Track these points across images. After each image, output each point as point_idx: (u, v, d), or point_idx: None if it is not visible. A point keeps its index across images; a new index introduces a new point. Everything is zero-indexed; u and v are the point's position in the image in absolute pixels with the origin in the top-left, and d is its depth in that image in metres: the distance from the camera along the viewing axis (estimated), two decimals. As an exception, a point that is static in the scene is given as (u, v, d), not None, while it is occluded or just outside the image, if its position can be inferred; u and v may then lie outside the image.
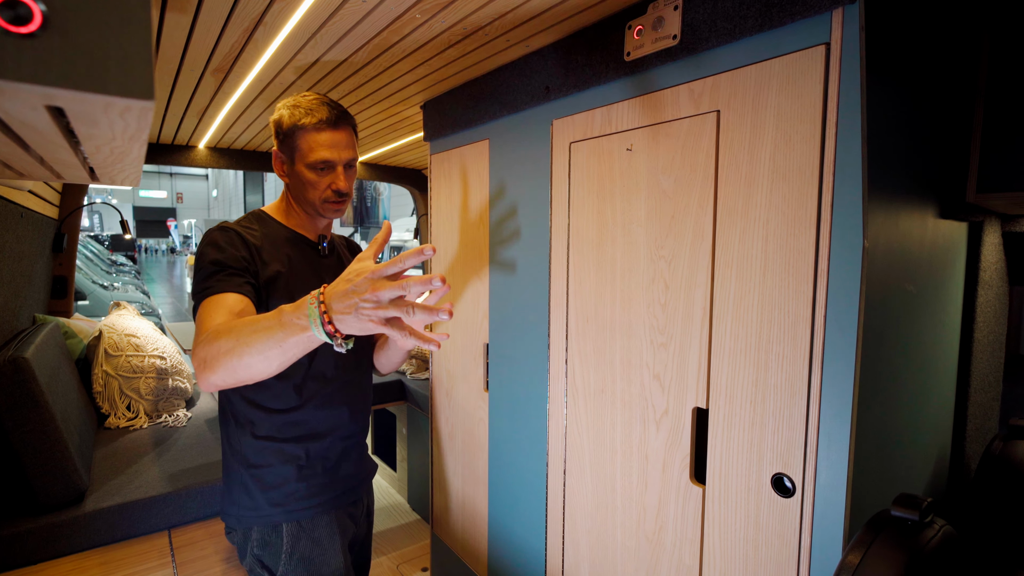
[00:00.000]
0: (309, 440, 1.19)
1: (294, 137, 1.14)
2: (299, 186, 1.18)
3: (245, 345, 0.83)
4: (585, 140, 1.25)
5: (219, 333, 0.88)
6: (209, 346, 0.87)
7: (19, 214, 1.71)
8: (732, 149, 0.95)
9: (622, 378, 1.19)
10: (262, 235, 1.17)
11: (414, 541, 2.48)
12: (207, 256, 1.07)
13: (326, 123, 1.14)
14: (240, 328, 0.86)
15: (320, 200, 1.18)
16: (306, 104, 1.15)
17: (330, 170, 1.17)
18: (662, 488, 1.11)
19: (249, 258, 1.10)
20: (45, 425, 1.40)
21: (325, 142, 1.14)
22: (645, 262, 1.12)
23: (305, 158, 1.15)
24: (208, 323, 0.96)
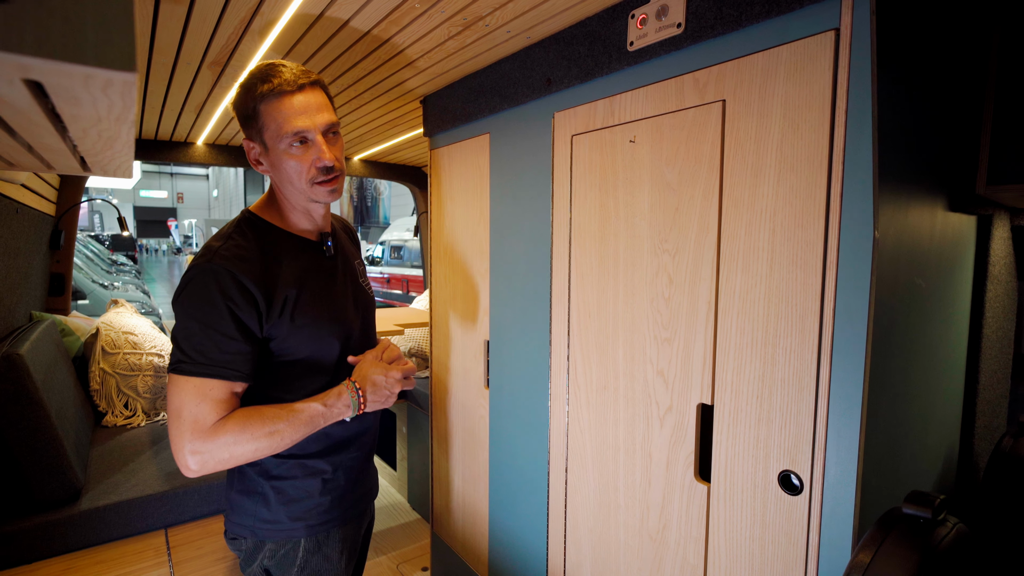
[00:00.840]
0: (333, 453, 1.11)
1: (257, 115, 0.97)
2: (281, 172, 1.01)
3: (280, 438, 0.96)
4: (587, 132, 1.23)
5: (244, 431, 0.93)
6: (233, 447, 0.92)
7: (14, 209, 1.69)
8: (738, 139, 0.93)
9: (625, 374, 1.17)
10: (260, 254, 0.99)
11: (414, 540, 2.46)
12: (202, 314, 0.91)
13: (289, 86, 0.95)
14: (274, 423, 0.96)
15: (308, 182, 1.00)
16: (259, 71, 0.97)
17: (309, 142, 0.99)
18: (666, 486, 1.09)
19: (253, 305, 0.95)
20: (40, 422, 1.38)
21: (295, 108, 0.96)
22: (649, 256, 1.10)
23: (277, 136, 0.97)
24: (210, 414, 0.91)
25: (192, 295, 0.93)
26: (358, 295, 1.19)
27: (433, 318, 1.93)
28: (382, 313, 2.95)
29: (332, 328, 1.08)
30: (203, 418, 0.91)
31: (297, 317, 1.01)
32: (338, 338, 1.09)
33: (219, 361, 0.92)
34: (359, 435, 1.16)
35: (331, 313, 1.08)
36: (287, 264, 1.03)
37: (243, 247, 0.98)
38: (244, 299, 0.94)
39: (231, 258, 0.95)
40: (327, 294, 1.09)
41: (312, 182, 1.01)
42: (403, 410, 2.81)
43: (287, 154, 0.99)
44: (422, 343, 2.96)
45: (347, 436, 1.13)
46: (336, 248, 1.16)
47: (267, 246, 1.02)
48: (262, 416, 0.95)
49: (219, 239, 1.00)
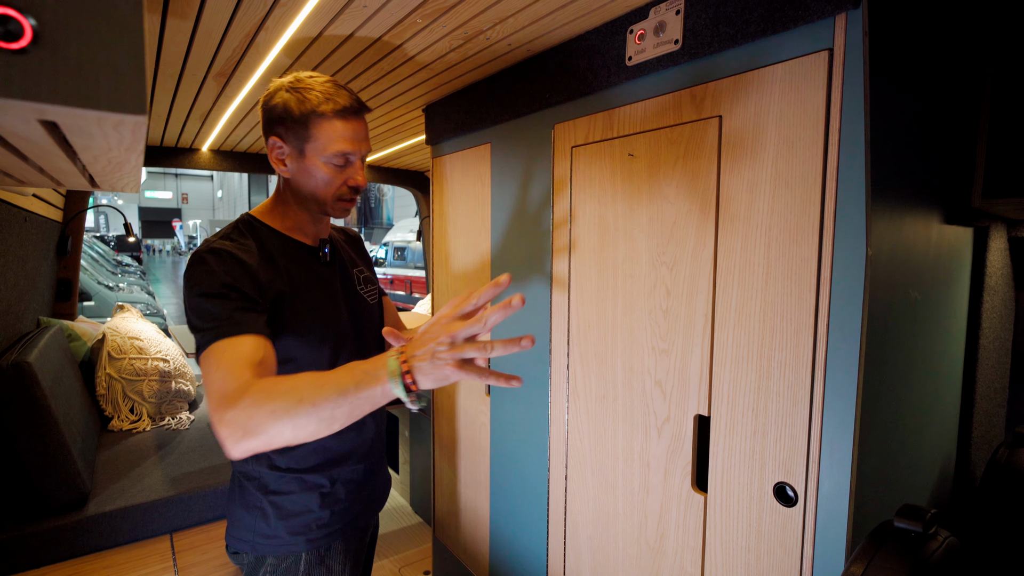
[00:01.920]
0: (331, 467, 1.11)
1: (308, 125, 1.00)
2: (307, 181, 1.05)
3: (309, 405, 0.74)
4: (587, 144, 1.25)
5: (266, 394, 0.77)
6: (253, 409, 0.75)
7: (23, 218, 1.72)
8: (734, 155, 0.95)
9: (623, 384, 1.18)
10: (256, 250, 1.02)
11: (416, 544, 2.48)
12: (205, 285, 0.91)
13: (349, 112, 1.01)
14: (299, 387, 0.76)
15: (333, 197, 1.06)
16: (321, 88, 1.01)
17: (349, 164, 1.05)
18: (663, 495, 1.10)
19: (252, 281, 0.96)
20: (48, 429, 1.41)
21: (347, 133, 1.02)
22: (647, 268, 1.11)
23: (323, 150, 1.01)
24: (229, 378, 0.81)
25: (193, 275, 0.94)
26: (356, 304, 1.19)
27: (435, 325, 1.94)
28: (385, 317, 2.97)
29: (322, 333, 1.07)
30: (226, 385, 0.80)
31: (288, 317, 1.02)
32: (328, 345, 1.08)
33: (228, 320, 0.88)
34: (360, 446, 1.16)
35: (322, 318, 1.08)
36: (282, 264, 1.05)
37: (241, 244, 1.01)
38: (244, 274, 0.96)
39: (229, 247, 0.98)
40: (320, 299, 1.09)
41: (337, 198, 1.06)
42: (406, 414, 2.83)
43: (325, 167, 1.03)
44: (424, 347, 2.98)
45: (345, 449, 1.13)
46: (334, 256, 1.18)
47: (264, 246, 1.04)
48: (291, 381, 0.80)
49: (217, 237, 1.02)
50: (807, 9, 0.82)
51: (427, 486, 2.66)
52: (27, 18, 0.34)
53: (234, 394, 0.78)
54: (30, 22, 0.35)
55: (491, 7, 1.10)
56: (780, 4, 0.86)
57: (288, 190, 1.09)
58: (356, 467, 1.16)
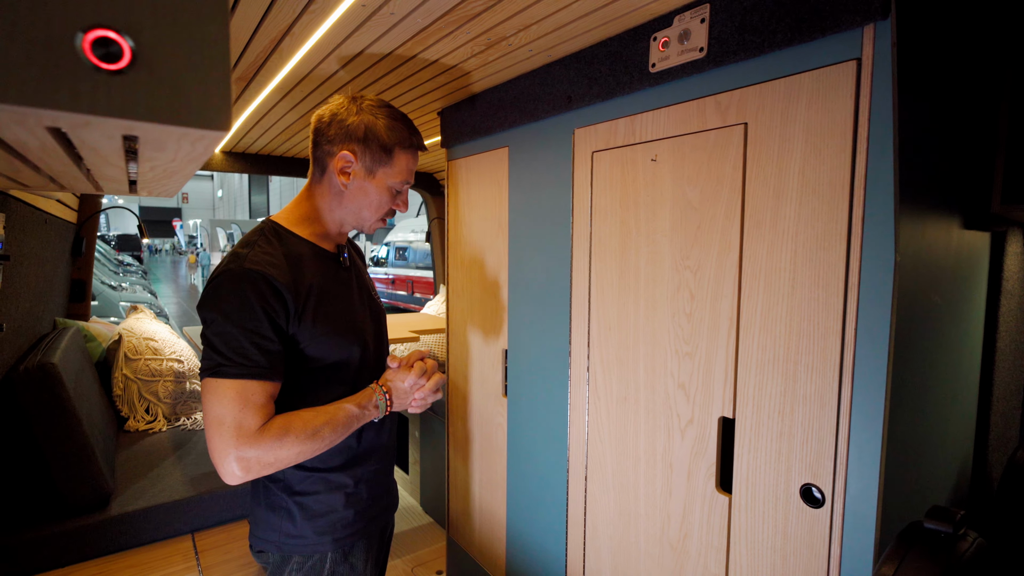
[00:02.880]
0: (355, 466, 1.14)
1: (391, 152, 1.10)
2: (363, 199, 1.12)
3: (323, 444, 1.01)
4: (608, 150, 1.26)
5: (286, 431, 0.96)
6: (277, 449, 0.94)
7: (43, 220, 1.73)
8: (760, 162, 0.96)
9: (646, 387, 1.20)
10: (284, 260, 1.03)
11: (428, 544, 2.49)
12: (242, 319, 0.94)
13: (421, 147, 1.16)
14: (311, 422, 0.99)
15: (376, 219, 1.16)
16: (405, 123, 1.13)
17: (400, 192, 1.17)
18: (687, 496, 1.12)
19: (284, 308, 0.99)
20: (73, 430, 1.42)
21: (414, 166, 1.16)
22: (670, 272, 1.13)
23: (393, 176, 1.12)
24: (250, 417, 0.93)
25: (227, 299, 0.95)
26: (372, 306, 1.24)
27: (450, 326, 1.96)
28: (396, 319, 2.98)
29: (350, 336, 1.11)
30: (247, 423, 0.92)
31: (319, 322, 1.05)
32: (357, 345, 1.12)
33: (260, 363, 0.94)
34: (379, 447, 1.19)
35: (349, 320, 1.12)
36: (308, 270, 1.07)
37: (270, 252, 1.02)
38: (277, 301, 0.98)
39: (261, 262, 0.99)
40: (345, 302, 1.13)
41: (379, 217, 1.16)
42: (416, 415, 2.85)
43: (386, 191, 1.13)
44: (436, 350, 2.99)
45: (367, 448, 1.16)
46: (351, 261, 1.23)
47: (291, 254, 1.06)
48: (303, 419, 1.00)
49: (245, 246, 1.03)
50: (836, 20, 0.84)
51: (438, 486, 2.67)
52: (126, 40, 0.36)
53: (255, 433, 0.93)
54: (129, 44, 0.36)
55: (516, 15, 1.12)
56: (807, 15, 0.87)
57: (329, 200, 1.13)
58: (376, 467, 1.19)
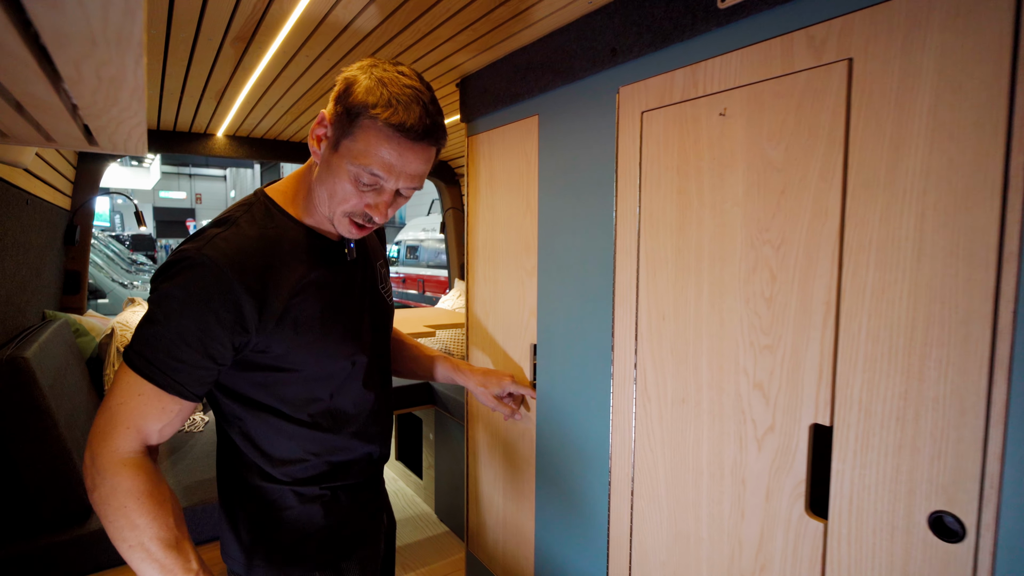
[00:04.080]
0: (333, 479, 0.97)
1: (357, 120, 0.79)
2: (326, 179, 0.85)
3: (126, 546, 0.76)
4: (661, 108, 1.07)
5: (118, 503, 0.76)
6: (103, 501, 0.76)
7: (24, 200, 1.57)
8: (871, 105, 0.77)
9: (710, 386, 1.00)
10: (265, 248, 0.84)
11: (443, 556, 2.31)
12: (175, 312, 0.77)
13: (408, 131, 0.79)
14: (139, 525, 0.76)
15: (342, 213, 0.86)
16: (398, 89, 0.79)
17: (375, 190, 0.84)
18: (765, 519, 0.92)
19: (237, 323, 0.80)
20: (47, 433, 1.26)
21: (390, 154, 0.80)
22: (743, 248, 0.94)
23: (355, 156, 0.80)
24: (122, 431, 0.77)
25: (176, 289, 0.78)
26: (376, 306, 1.04)
27: (470, 319, 1.77)
28: (410, 314, 2.81)
29: (341, 347, 0.94)
30: (114, 432, 0.77)
31: (303, 331, 0.87)
32: (346, 356, 0.95)
33: (167, 371, 0.78)
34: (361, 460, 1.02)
35: (342, 329, 0.94)
36: (297, 266, 0.87)
37: (247, 239, 0.83)
38: (230, 311, 0.79)
39: (229, 252, 0.80)
40: (340, 306, 0.94)
41: (346, 214, 0.87)
42: (430, 415, 2.67)
43: (348, 178, 0.83)
44: (449, 345, 2.82)
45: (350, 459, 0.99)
46: (359, 250, 1.01)
47: (276, 241, 0.86)
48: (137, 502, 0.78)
49: (222, 223, 0.85)
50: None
51: (454, 493, 2.49)
52: None
53: (110, 459, 0.77)
54: None
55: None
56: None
57: (312, 179, 0.90)
58: (359, 480, 1.02)
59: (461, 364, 1.31)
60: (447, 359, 1.31)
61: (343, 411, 0.96)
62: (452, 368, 1.29)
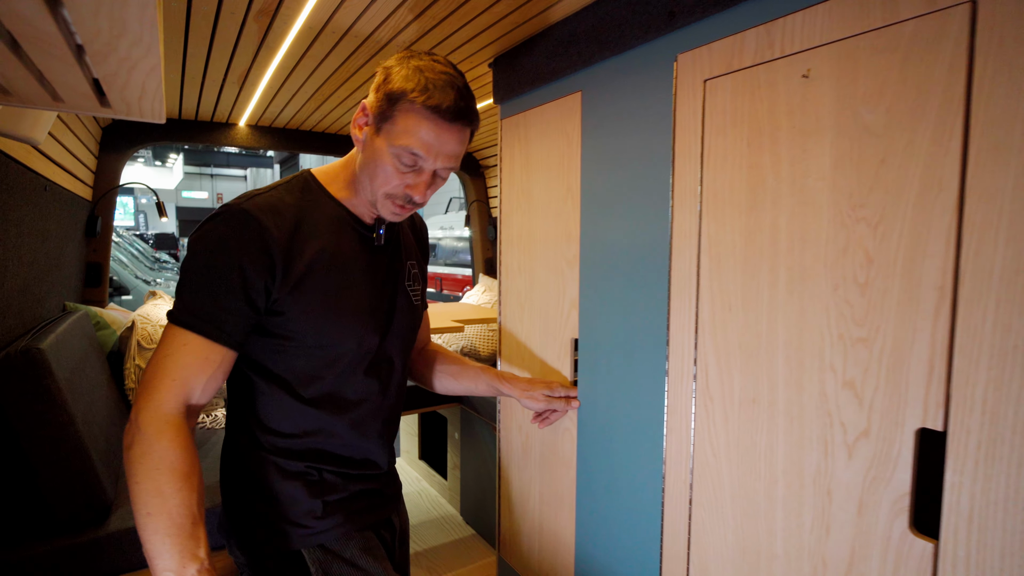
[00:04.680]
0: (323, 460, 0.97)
1: (396, 105, 0.86)
2: (369, 163, 0.91)
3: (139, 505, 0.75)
4: (729, 74, 0.96)
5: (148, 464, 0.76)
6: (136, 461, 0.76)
7: (42, 186, 1.51)
8: (1003, 54, 0.65)
9: (788, 384, 0.89)
10: (298, 210, 0.91)
11: (471, 560, 2.22)
12: (213, 259, 0.83)
13: (443, 112, 0.86)
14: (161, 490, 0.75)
15: (384, 195, 0.92)
16: (433, 75, 0.86)
17: (414, 171, 0.90)
18: (857, 537, 0.81)
19: (268, 269, 0.85)
20: (63, 429, 1.19)
21: (429, 135, 0.86)
22: (831, 227, 0.82)
23: (394, 139, 0.87)
24: (168, 385, 0.80)
25: (215, 238, 0.84)
26: (398, 299, 1.04)
27: (503, 312, 1.68)
28: (438, 308, 2.73)
29: (350, 325, 0.94)
30: (161, 388, 0.79)
31: (316, 299, 0.90)
32: (354, 337, 0.95)
33: (211, 318, 0.83)
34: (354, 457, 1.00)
35: (354, 307, 0.95)
36: (324, 236, 0.93)
37: (282, 200, 0.91)
38: (261, 252, 0.85)
39: (263, 206, 0.87)
40: (358, 285, 0.96)
41: (387, 196, 0.93)
42: (455, 413, 2.58)
43: (389, 158, 0.89)
44: (474, 340, 2.72)
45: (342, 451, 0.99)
46: (390, 240, 1.04)
47: (310, 209, 0.94)
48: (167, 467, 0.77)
49: (263, 189, 0.93)
50: None
51: (482, 495, 2.40)
52: None
53: (153, 415, 0.78)
54: None
55: None
56: None
57: (358, 163, 0.96)
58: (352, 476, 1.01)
59: (505, 374, 1.30)
60: (491, 370, 1.29)
61: (343, 396, 0.97)
62: (497, 379, 1.29)
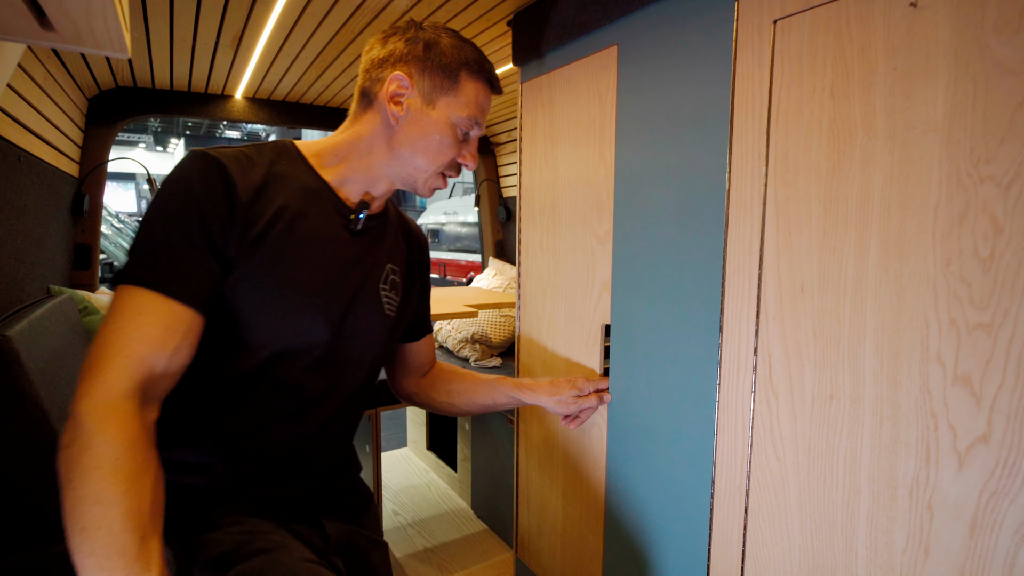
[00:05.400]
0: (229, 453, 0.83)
1: (458, 76, 0.87)
2: (419, 137, 0.87)
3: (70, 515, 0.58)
4: (807, 11, 0.81)
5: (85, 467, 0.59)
6: (70, 462, 0.60)
7: (16, 157, 1.37)
8: None
9: (878, 379, 0.75)
10: (267, 175, 0.80)
11: (485, 558, 2.11)
12: (173, 203, 0.72)
13: (496, 83, 0.93)
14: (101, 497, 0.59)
15: (437, 168, 0.89)
16: (472, 47, 0.90)
17: (468, 139, 0.92)
18: (968, 562, 0.68)
19: (228, 218, 0.74)
20: (36, 427, 1.06)
21: (486, 103, 0.92)
22: (944, 189, 0.68)
23: (459, 108, 0.87)
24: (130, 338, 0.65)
25: (173, 184, 0.73)
26: (365, 297, 0.91)
27: (523, 295, 1.54)
28: (450, 292, 2.59)
29: (303, 307, 0.81)
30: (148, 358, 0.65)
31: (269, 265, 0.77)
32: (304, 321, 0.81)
33: (171, 268, 0.70)
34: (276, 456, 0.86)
35: (312, 289, 0.82)
36: (293, 203, 0.81)
37: (251, 159, 0.80)
38: (227, 199, 0.74)
39: (231, 156, 0.77)
40: (321, 265, 0.83)
41: (439, 171, 0.91)
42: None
43: (449, 129, 0.88)
44: (485, 327, 2.59)
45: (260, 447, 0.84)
46: (374, 236, 0.93)
47: (283, 174, 0.83)
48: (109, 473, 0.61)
49: (234, 146, 0.82)
50: None
51: (494, 489, 2.28)
52: None
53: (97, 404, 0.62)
54: None
55: None
56: None
57: (372, 138, 0.88)
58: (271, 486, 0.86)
59: (524, 382, 1.16)
60: (507, 380, 1.15)
61: (276, 385, 0.82)
62: (516, 388, 1.15)
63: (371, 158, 0.88)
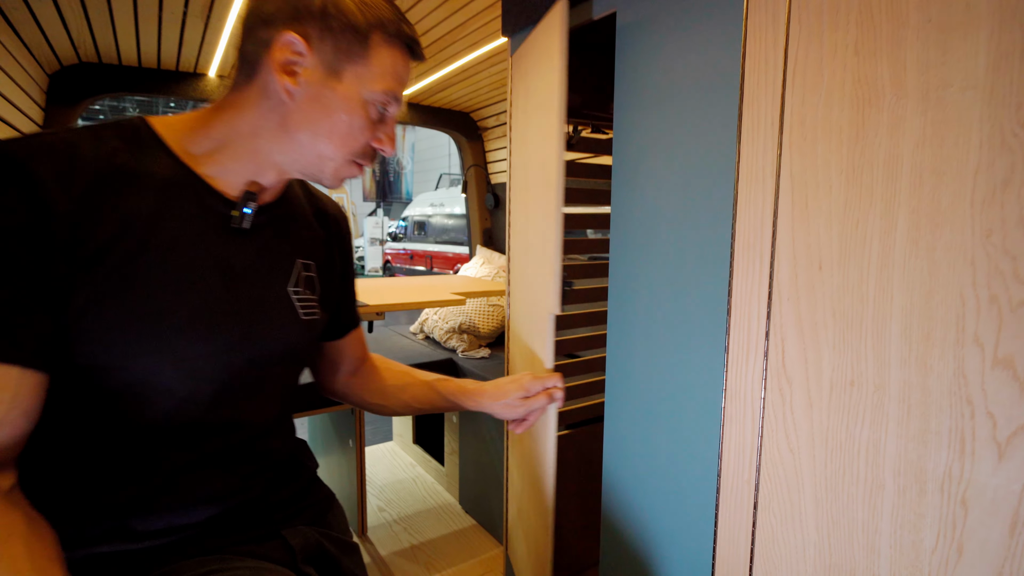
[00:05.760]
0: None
1: (367, 39, 0.69)
2: (323, 118, 0.69)
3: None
4: (827, -40, 0.74)
5: None
6: None
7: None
8: None
9: (906, 363, 0.69)
10: (101, 166, 0.62)
11: (474, 554, 2.04)
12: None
13: (415, 47, 0.74)
14: None
15: (350, 154, 0.73)
16: (390, 6, 0.72)
17: (385, 118, 0.75)
18: (1008, 562, 0.62)
19: (39, 239, 0.56)
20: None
21: (405, 73, 0.74)
22: (985, 151, 0.61)
23: (371, 82, 0.70)
24: None
25: None
26: (270, 309, 0.76)
27: (512, 280, 1.46)
28: (436, 281, 2.50)
29: (188, 337, 0.66)
30: None
31: (122, 292, 0.61)
32: (169, 362, 0.65)
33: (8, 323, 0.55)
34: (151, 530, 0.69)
35: (191, 312, 0.66)
36: (145, 202, 0.64)
37: (75, 146, 0.61)
38: (32, 214, 0.56)
39: (38, 148, 0.58)
40: (198, 280, 0.67)
41: (353, 157, 0.73)
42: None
43: (360, 107, 0.70)
44: (473, 317, 2.51)
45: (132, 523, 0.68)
46: (265, 227, 0.76)
47: (127, 164, 0.64)
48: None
49: (58, 128, 0.66)
50: None
51: (482, 482, 2.21)
52: None
53: None
54: None
55: None
56: None
57: (258, 117, 0.69)
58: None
59: (467, 384, 1.02)
60: (449, 380, 1.03)
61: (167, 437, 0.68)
62: (457, 391, 1.02)
63: (257, 142, 0.70)
